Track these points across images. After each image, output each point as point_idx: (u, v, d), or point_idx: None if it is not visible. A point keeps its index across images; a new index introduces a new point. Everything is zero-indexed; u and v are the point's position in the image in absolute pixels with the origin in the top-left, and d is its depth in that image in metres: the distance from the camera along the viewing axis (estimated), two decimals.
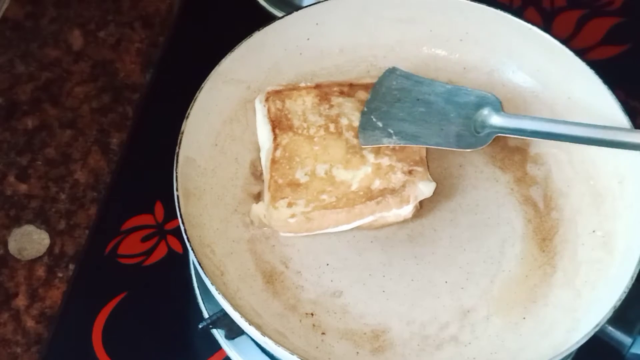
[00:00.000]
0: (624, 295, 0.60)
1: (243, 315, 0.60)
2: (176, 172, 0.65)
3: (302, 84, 0.71)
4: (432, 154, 0.70)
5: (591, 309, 0.63)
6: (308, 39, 0.75)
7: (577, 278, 0.65)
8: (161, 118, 0.76)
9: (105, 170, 0.83)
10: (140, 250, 0.78)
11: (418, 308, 0.64)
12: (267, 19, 0.75)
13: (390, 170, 0.66)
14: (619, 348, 0.64)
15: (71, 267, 0.77)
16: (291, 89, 0.71)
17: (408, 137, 0.67)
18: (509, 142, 0.72)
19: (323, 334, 0.63)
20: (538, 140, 0.71)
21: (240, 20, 0.87)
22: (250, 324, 0.59)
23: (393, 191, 0.65)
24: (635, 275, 0.61)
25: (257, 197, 0.69)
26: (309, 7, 0.74)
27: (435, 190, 0.67)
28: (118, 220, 0.80)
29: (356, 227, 0.66)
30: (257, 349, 0.70)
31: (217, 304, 0.63)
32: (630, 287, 0.61)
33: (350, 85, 0.71)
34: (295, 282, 0.65)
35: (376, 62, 0.76)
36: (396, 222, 0.67)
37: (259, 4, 0.93)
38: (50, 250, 0.78)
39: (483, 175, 0.70)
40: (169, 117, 0.68)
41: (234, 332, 0.69)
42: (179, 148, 0.66)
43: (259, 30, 0.72)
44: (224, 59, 0.71)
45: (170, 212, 0.77)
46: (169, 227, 0.80)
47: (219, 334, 0.72)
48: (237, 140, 0.71)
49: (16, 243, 0.78)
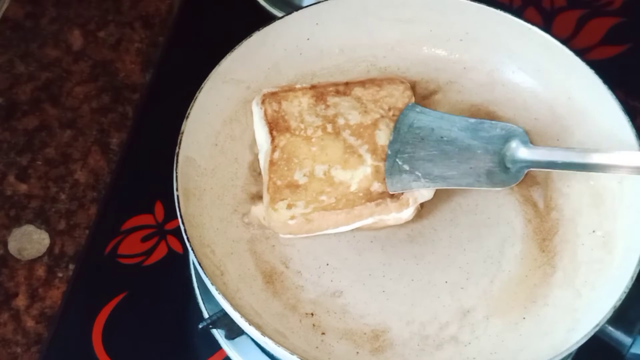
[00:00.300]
0: (624, 295, 0.60)
1: (243, 315, 0.60)
2: (176, 172, 0.65)
3: (298, 85, 0.71)
4: None
5: (591, 309, 0.63)
6: (308, 39, 0.75)
7: (577, 278, 0.65)
8: (161, 118, 0.76)
9: (105, 170, 0.83)
10: (140, 250, 0.78)
11: (418, 308, 0.64)
12: (267, 19, 0.74)
13: None
14: (619, 348, 0.64)
15: (71, 267, 0.77)
16: (287, 90, 0.70)
17: (437, 179, 0.65)
18: None
19: (323, 334, 0.63)
20: (537, 140, 0.71)
21: (240, 20, 0.86)
22: (250, 324, 0.59)
23: (393, 195, 0.65)
24: (635, 275, 0.61)
25: (257, 197, 0.69)
26: (309, 7, 0.74)
27: (435, 190, 0.67)
28: (118, 220, 0.80)
29: (356, 227, 0.66)
30: (257, 349, 0.70)
31: (217, 304, 0.63)
32: (630, 287, 0.61)
33: (346, 83, 0.71)
34: (295, 282, 0.65)
35: (376, 62, 0.76)
36: (397, 224, 0.67)
37: (259, 4, 0.93)
38: (50, 250, 0.78)
39: None
40: (169, 117, 0.68)
41: (234, 332, 0.69)
42: (179, 148, 0.66)
43: (259, 30, 0.72)
44: (224, 59, 0.71)
45: (170, 212, 0.77)
46: (169, 227, 0.80)
47: (219, 334, 0.72)
48: (237, 140, 0.71)
49: (16, 243, 0.78)
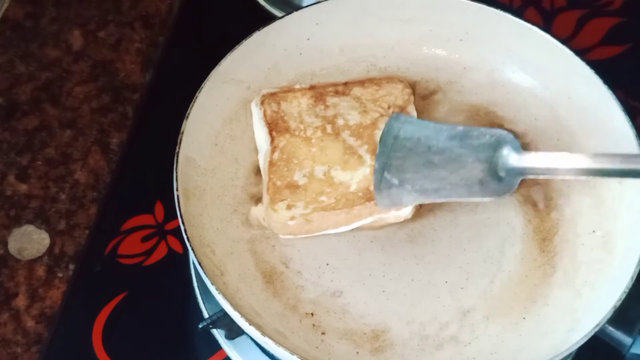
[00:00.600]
0: (624, 295, 0.60)
1: (243, 315, 0.60)
2: (176, 172, 0.65)
3: (297, 86, 0.71)
4: None
5: (591, 309, 0.63)
6: (308, 39, 0.75)
7: (577, 278, 0.65)
8: (161, 118, 0.76)
9: (105, 170, 0.83)
10: (140, 250, 0.78)
11: (418, 308, 0.64)
12: (267, 19, 0.74)
13: None
14: (619, 348, 0.64)
15: (71, 267, 0.77)
16: (286, 91, 0.70)
17: (428, 192, 0.63)
18: None
19: (323, 334, 0.63)
20: (537, 140, 0.71)
21: (240, 20, 0.87)
22: (250, 324, 0.59)
23: None
24: (635, 275, 0.61)
25: (257, 197, 0.69)
26: (309, 7, 0.74)
27: None
28: (118, 220, 0.80)
29: (356, 227, 0.66)
30: (257, 349, 0.70)
31: (217, 304, 0.63)
32: (630, 287, 0.61)
33: (345, 83, 0.71)
34: (295, 282, 0.65)
35: (376, 62, 0.76)
36: (396, 222, 0.67)
37: (259, 4, 0.93)
38: (50, 250, 0.78)
39: None
40: (169, 117, 0.68)
41: (234, 332, 0.69)
42: (179, 148, 0.66)
43: (259, 30, 0.72)
44: (224, 59, 0.71)
45: (170, 212, 0.77)
46: (169, 227, 0.80)
47: (219, 334, 0.72)
48: (237, 140, 0.71)
49: (16, 243, 0.78)
